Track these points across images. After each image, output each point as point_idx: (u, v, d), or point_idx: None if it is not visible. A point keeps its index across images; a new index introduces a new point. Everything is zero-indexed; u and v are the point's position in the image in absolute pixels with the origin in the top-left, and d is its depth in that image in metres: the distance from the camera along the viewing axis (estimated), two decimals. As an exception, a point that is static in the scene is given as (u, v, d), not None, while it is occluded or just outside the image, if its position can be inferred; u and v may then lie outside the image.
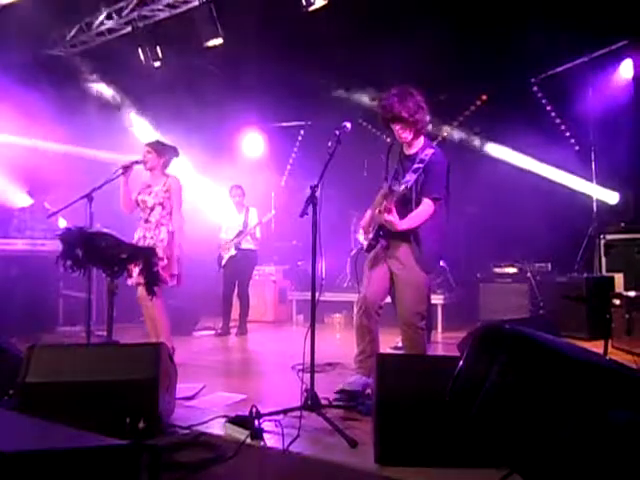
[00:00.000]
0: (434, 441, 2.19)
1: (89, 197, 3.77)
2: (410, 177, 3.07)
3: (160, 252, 4.11)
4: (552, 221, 6.31)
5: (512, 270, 6.48)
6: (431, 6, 5.55)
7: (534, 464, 1.47)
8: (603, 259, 6.09)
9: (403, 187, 2.99)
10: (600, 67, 6.51)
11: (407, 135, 3.19)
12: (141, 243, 4.18)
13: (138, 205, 4.32)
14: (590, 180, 6.62)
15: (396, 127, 3.18)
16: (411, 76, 3.63)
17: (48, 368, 2.58)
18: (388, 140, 3.31)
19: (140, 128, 8.06)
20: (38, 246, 5.65)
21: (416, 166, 3.09)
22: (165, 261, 4.15)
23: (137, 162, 4.23)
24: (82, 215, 3.81)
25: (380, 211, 3.02)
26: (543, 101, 7.16)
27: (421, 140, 3.27)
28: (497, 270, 6.55)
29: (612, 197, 6.61)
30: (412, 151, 3.25)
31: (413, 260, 3.15)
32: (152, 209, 4.25)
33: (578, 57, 6.58)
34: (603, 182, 6.59)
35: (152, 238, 4.19)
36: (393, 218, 2.98)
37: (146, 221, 4.27)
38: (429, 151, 3.14)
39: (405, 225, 3.05)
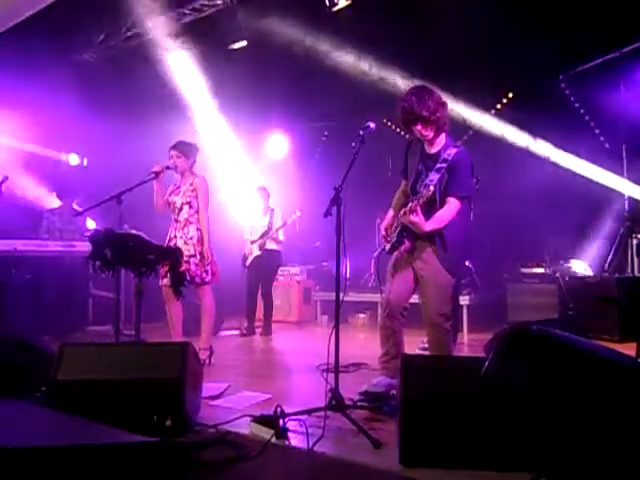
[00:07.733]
0: (458, 443, 2.16)
1: (118, 198, 3.79)
2: (434, 177, 3.03)
3: (191, 249, 4.21)
4: (582, 220, 6.18)
5: (540, 270, 6.34)
6: (459, 2, 5.48)
7: (562, 468, 1.45)
8: (636, 259, 5.94)
9: (432, 189, 2.92)
10: (631, 62, 6.35)
11: (429, 133, 3.14)
12: (172, 243, 4.26)
13: (169, 206, 4.39)
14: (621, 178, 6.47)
15: (417, 127, 3.12)
16: (438, 72, 3.59)
17: (78, 366, 2.64)
18: (407, 137, 3.24)
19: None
20: (68, 247, 5.78)
21: (439, 165, 3.05)
22: (198, 257, 4.22)
23: (168, 167, 4.29)
24: (113, 217, 3.86)
25: (405, 212, 2.99)
26: (572, 98, 7.01)
27: (443, 138, 3.21)
28: (525, 270, 6.42)
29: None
30: (434, 150, 3.20)
31: (438, 261, 3.10)
32: (180, 209, 4.32)
33: (608, 52, 6.42)
34: (634, 180, 6.42)
35: (181, 237, 4.26)
36: (419, 219, 2.94)
37: (176, 221, 4.35)
38: (452, 150, 3.09)
39: (431, 226, 3.01)
